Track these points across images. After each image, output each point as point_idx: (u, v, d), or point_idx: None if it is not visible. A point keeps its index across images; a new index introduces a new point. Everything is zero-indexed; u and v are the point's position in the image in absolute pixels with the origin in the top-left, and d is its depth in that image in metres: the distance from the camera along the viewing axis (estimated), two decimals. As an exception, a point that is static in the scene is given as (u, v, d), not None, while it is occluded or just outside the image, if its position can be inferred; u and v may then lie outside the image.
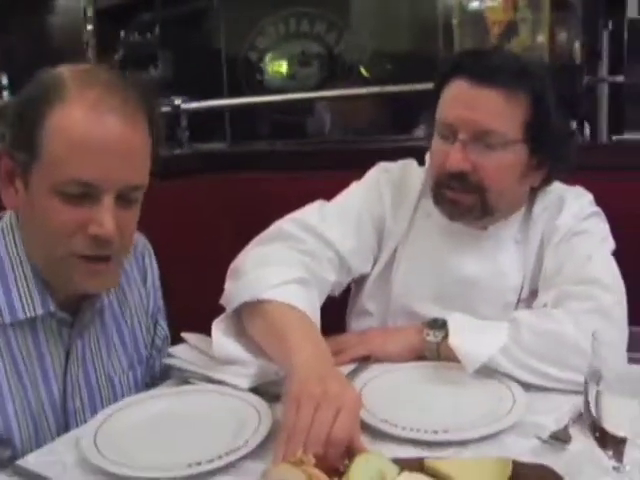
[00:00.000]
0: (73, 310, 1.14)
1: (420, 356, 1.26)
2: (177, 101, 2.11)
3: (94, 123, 0.99)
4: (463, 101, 1.26)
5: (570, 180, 1.41)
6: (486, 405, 1.08)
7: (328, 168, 2.08)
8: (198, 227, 2.12)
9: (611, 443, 0.79)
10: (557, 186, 1.38)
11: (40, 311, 1.08)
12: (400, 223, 1.42)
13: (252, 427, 1.01)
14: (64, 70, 1.04)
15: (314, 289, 1.26)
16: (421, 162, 1.47)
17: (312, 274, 1.28)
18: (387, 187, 1.44)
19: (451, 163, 1.25)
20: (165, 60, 4.38)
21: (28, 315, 1.07)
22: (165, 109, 2.13)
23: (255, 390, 1.14)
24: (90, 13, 3.58)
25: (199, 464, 0.91)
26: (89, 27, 3.56)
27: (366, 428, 1.02)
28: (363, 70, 3.78)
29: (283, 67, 3.53)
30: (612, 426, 0.78)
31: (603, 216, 1.38)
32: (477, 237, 1.37)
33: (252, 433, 0.99)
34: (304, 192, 2.02)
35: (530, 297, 1.34)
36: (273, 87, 3.58)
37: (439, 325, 1.25)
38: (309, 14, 3.46)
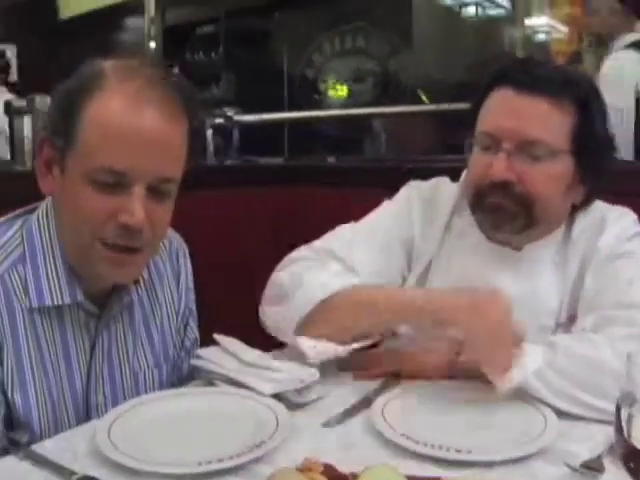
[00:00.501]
0: (101, 303, 1.14)
1: (451, 375, 1.21)
2: (230, 112, 2.12)
3: (130, 113, 1.00)
4: (507, 110, 1.23)
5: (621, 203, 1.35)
6: (515, 427, 1.03)
7: (378, 185, 2.07)
8: (240, 236, 2.13)
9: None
10: (598, 205, 1.32)
11: (67, 300, 1.09)
12: (430, 241, 1.38)
13: (269, 432, 0.98)
14: (106, 62, 1.06)
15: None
16: (456, 180, 1.43)
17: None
18: (417, 204, 1.41)
19: (494, 172, 1.22)
20: (228, 80, 4.47)
21: (55, 302, 1.08)
22: (219, 121, 2.16)
23: (277, 397, 1.11)
24: (154, 31, 3.68)
25: (209, 463, 0.89)
26: (152, 44, 3.65)
27: (386, 443, 0.99)
28: (422, 95, 3.77)
29: (339, 86, 3.55)
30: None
31: None
32: (512, 257, 1.32)
33: (267, 437, 0.96)
34: (351, 207, 2.01)
35: (568, 322, 1.28)
36: (330, 105, 3.60)
37: None
38: (364, 29, 3.47)
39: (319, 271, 1.28)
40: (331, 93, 3.56)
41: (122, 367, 1.18)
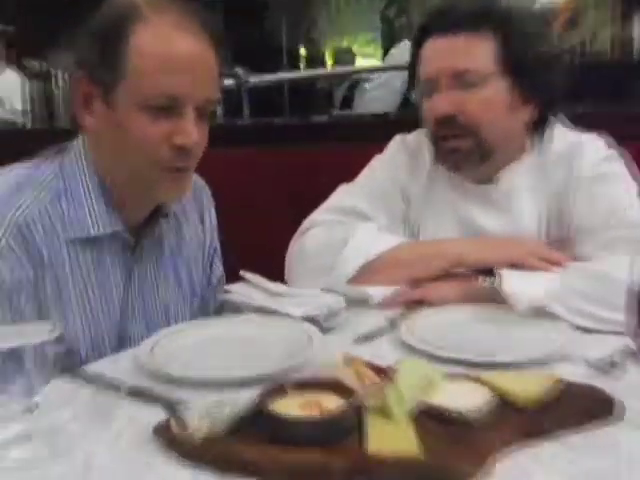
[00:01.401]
0: (135, 234, 1.20)
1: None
2: (239, 71, 2.15)
3: (178, 41, 1.07)
4: (436, 53, 1.34)
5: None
6: (536, 336, 1.08)
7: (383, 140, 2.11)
8: (254, 194, 2.17)
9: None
10: (570, 132, 1.40)
11: (109, 230, 1.15)
12: (418, 184, 1.47)
13: (302, 347, 1.03)
14: None
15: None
16: None
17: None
18: (404, 155, 1.50)
19: (436, 108, 1.32)
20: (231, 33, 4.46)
21: (98, 232, 1.14)
22: (228, 82, 2.19)
23: (310, 321, 1.16)
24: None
25: (248, 370, 0.94)
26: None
27: (414, 352, 1.04)
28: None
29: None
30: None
31: (620, 157, 1.36)
32: (489, 191, 1.40)
33: (302, 348, 1.02)
34: (356, 162, 2.04)
35: (551, 243, 1.34)
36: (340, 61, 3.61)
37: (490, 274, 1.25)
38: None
39: (353, 232, 1.37)
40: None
41: (153, 299, 1.25)
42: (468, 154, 1.33)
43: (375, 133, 2.27)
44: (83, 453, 0.78)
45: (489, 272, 1.26)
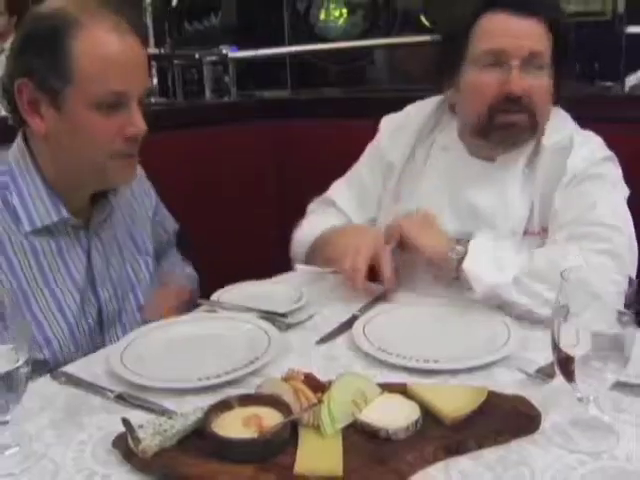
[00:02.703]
0: (85, 218, 1.32)
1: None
2: (225, 50, 2.18)
3: (116, 42, 1.17)
4: (508, 30, 1.37)
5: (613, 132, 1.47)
6: (480, 339, 1.15)
7: (379, 115, 2.14)
8: (242, 171, 2.22)
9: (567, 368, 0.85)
10: (568, 125, 1.46)
11: (55, 218, 1.26)
12: (401, 150, 1.57)
13: (262, 349, 1.11)
14: (61, 2, 1.19)
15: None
16: None
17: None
18: (387, 133, 1.62)
19: (514, 87, 1.35)
20: (228, 8, 4.43)
21: (45, 222, 1.25)
22: (208, 59, 2.22)
23: (271, 319, 1.25)
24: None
25: (208, 378, 1.02)
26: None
27: (364, 356, 1.12)
28: (423, 18, 3.75)
29: (337, 16, 3.53)
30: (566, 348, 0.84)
31: (616, 160, 1.42)
32: (487, 168, 1.47)
33: (261, 354, 1.10)
34: (352, 138, 2.08)
35: (540, 233, 1.41)
36: (329, 36, 3.60)
37: (462, 244, 1.31)
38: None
39: (311, 221, 1.66)
40: (330, 17, 3.54)
41: (117, 262, 1.38)
42: (523, 130, 1.39)
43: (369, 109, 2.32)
44: (52, 464, 0.87)
45: None
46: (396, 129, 1.60)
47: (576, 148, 1.39)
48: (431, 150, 1.55)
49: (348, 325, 1.24)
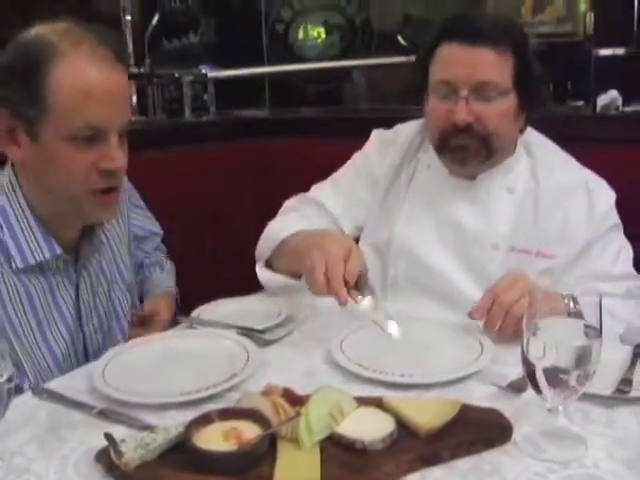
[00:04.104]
0: (74, 251, 1.30)
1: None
2: (203, 69, 2.21)
3: (96, 73, 1.14)
4: (459, 60, 1.41)
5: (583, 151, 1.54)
6: (454, 354, 1.19)
7: (357, 135, 2.19)
8: (225, 193, 2.24)
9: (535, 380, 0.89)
10: (577, 168, 1.53)
11: (48, 255, 1.24)
12: (388, 165, 1.60)
13: (241, 365, 1.14)
14: (46, 30, 1.16)
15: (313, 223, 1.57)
16: None
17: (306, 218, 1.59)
18: (375, 143, 1.66)
19: (458, 118, 1.40)
20: (207, 27, 4.47)
21: (37, 260, 1.23)
22: (188, 78, 2.25)
23: (250, 336, 1.27)
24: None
25: (189, 393, 1.04)
26: (126, -5, 3.65)
27: (341, 371, 1.15)
28: (400, 39, 3.82)
29: (315, 35, 3.58)
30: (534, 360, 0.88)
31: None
32: (468, 186, 1.52)
33: (239, 370, 1.12)
34: (334, 158, 2.11)
35: (534, 253, 1.45)
36: (307, 55, 3.64)
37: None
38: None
39: (280, 220, 1.61)
40: (308, 37, 3.58)
41: (103, 294, 1.37)
42: (476, 152, 1.44)
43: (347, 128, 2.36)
44: (35, 478, 0.88)
45: None
46: (384, 146, 1.64)
47: (597, 194, 1.48)
48: (416, 169, 1.59)
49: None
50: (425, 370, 1.12)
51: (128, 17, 4.29)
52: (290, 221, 1.57)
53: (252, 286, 1.56)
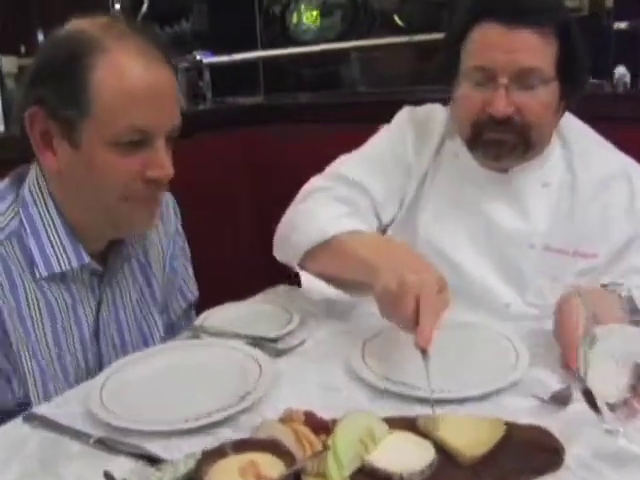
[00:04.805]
0: (102, 262, 1.18)
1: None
2: (199, 56, 2.08)
3: (142, 71, 1.02)
4: (499, 44, 1.26)
5: (608, 130, 1.41)
6: (488, 364, 1.08)
7: (359, 121, 2.06)
8: (222, 184, 2.13)
9: (601, 406, 0.78)
10: (616, 155, 1.38)
11: (75, 264, 1.12)
12: (423, 161, 1.43)
13: (252, 382, 1.02)
14: (87, 24, 1.05)
15: (363, 220, 1.34)
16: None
17: (355, 212, 1.35)
18: (410, 125, 1.46)
19: (497, 109, 1.25)
20: (199, 13, 4.34)
21: (63, 268, 1.11)
22: (182, 65, 2.12)
23: (260, 345, 1.16)
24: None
25: (196, 419, 0.93)
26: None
27: (364, 385, 1.04)
28: (397, 18, 3.68)
29: (310, 18, 3.44)
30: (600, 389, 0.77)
31: None
32: (501, 180, 1.38)
33: (252, 388, 1.01)
34: (334, 145, 2.00)
35: (560, 251, 1.33)
36: (302, 38, 3.51)
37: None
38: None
39: (326, 209, 1.32)
40: (301, 20, 3.43)
41: (128, 318, 1.23)
42: (513, 147, 1.30)
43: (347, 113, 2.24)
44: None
45: None
46: (420, 131, 1.45)
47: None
48: (442, 158, 1.44)
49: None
50: (459, 382, 1.01)
51: (117, 6, 4.16)
52: (337, 213, 1.32)
53: (251, 279, 1.44)
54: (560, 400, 0.96)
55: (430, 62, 3.32)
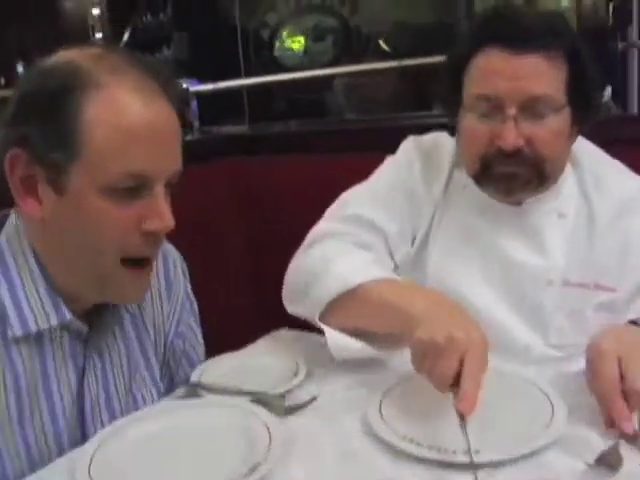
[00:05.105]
0: (87, 321, 1.03)
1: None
2: (185, 84, 1.99)
3: (140, 107, 0.90)
4: (504, 71, 1.17)
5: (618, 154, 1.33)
6: (522, 420, 0.97)
7: (348, 149, 1.97)
8: (210, 219, 2.01)
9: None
10: (632, 178, 1.30)
11: (55, 322, 0.97)
12: (433, 193, 1.33)
13: (262, 450, 0.91)
14: (76, 55, 0.92)
15: (385, 266, 1.24)
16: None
17: (376, 258, 1.24)
18: (417, 155, 1.36)
19: (506, 142, 1.16)
20: (180, 40, 4.27)
21: (40, 327, 0.96)
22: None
23: (268, 404, 1.04)
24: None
25: (201, 497, 0.82)
26: (95, 11, 3.43)
27: (386, 448, 0.93)
28: (382, 43, 3.63)
29: (296, 44, 3.38)
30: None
31: None
32: (515, 212, 1.28)
33: (262, 458, 0.89)
34: (323, 175, 1.90)
35: (581, 285, 1.24)
36: (287, 65, 3.44)
37: None
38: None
39: (345, 255, 1.21)
40: (288, 53, 3.37)
41: (119, 390, 1.08)
42: (526, 181, 1.20)
43: (339, 142, 2.15)
44: None
45: None
46: (428, 162, 1.35)
47: None
48: (451, 188, 1.33)
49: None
50: (491, 442, 0.90)
51: (99, 35, 4.08)
52: (359, 259, 1.21)
53: (248, 324, 1.33)
54: (610, 464, 0.85)
55: (420, 88, 3.29)
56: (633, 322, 1.15)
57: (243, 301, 1.87)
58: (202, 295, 1.29)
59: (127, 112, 0.89)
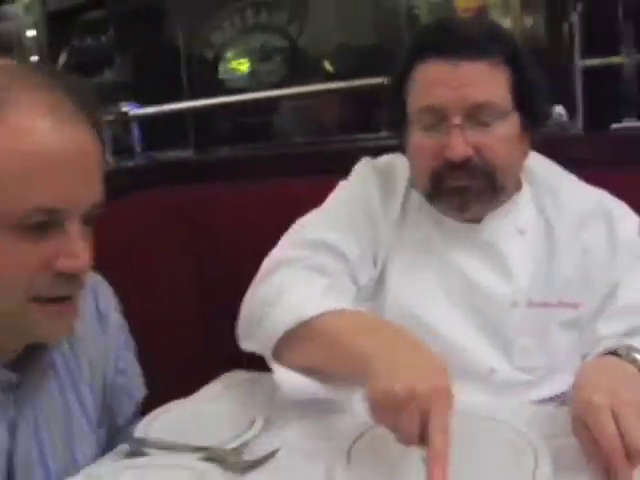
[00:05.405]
0: (16, 369, 0.92)
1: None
2: (125, 108, 1.87)
3: (54, 134, 0.79)
4: (446, 80, 1.14)
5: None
6: (501, 461, 0.90)
7: (296, 174, 1.90)
8: (155, 250, 1.89)
9: None
10: (589, 191, 1.27)
11: None
12: (391, 213, 1.27)
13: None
14: None
15: (343, 294, 1.16)
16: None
17: (333, 284, 1.15)
18: (373, 176, 1.30)
19: (454, 152, 1.12)
20: (122, 63, 4.16)
21: None
22: (108, 118, 1.90)
23: (218, 460, 0.93)
24: (34, 18, 3.30)
25: None
26: (29, 33, 3.28)
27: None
28: (327, 65, 3.59)
29: (242, 65, 3.29)
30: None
31: None
32: (474, 231, 1.23)
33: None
34: (272, 202, 1.81)
35: (544, 304, 1.19)
36: (232, 87, 3.36)
37: None
38: (267, 4, 3.22)
39: (300, 284, 1.12)
40: (234, 74, 3.28)
41: (54, 445, 0.96)
42: (479, 193, 1.17)
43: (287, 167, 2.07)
44: None
45: None
46: (384, 182, 1.29)
47: (619, 220, 1.22)
48: (408, 208, 1.27)
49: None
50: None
51: (34, 57, 3.92)
52: (315, 288, 1.12)
53: (199, 366, 1.23)
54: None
55: (368, 110, 3.24)
56: (612, 352, 1.08)
57: (193, 343, 1.75)
58: (146, 339, 1.18)
59: (33, 140, 0.78)
